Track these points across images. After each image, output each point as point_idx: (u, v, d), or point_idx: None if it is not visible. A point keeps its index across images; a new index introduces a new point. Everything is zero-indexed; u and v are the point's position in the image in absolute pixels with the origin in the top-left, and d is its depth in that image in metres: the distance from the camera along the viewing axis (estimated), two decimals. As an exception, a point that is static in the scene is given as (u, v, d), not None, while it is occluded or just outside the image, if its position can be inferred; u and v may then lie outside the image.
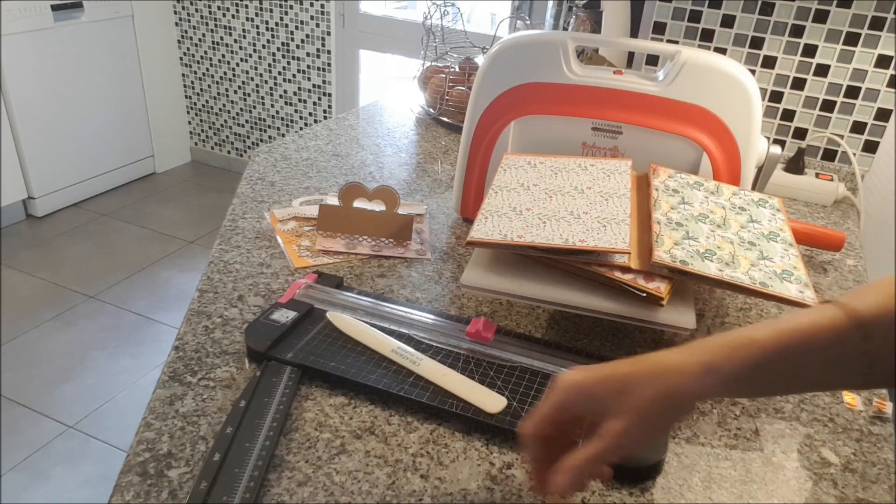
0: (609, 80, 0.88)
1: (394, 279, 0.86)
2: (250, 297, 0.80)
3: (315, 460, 0.58)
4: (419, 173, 1.20)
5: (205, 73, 3.29)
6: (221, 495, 0.52)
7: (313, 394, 0.65)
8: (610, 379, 0.46)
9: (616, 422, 0.45)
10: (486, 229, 0.73)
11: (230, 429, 0.58)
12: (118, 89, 3.07)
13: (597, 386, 0.46)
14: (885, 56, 1.21)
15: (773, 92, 1.32)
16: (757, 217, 0.80)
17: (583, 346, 0.75)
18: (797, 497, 0.58)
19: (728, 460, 0.61)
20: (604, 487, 0.57)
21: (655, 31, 1.36)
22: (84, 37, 2.86)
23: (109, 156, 3.12)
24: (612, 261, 0.71)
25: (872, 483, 0.61)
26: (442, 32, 1.62)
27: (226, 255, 0.88)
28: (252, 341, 0.69)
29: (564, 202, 0.77)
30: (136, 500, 0.53)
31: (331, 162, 1.21)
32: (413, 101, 1.57)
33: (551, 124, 0.92)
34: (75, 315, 2.30)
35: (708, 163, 0.87)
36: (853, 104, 1.27)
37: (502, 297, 0.75)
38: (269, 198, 1.05)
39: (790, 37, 1.26)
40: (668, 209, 0.78)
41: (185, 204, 3.12)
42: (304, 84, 3.05)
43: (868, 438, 0.66)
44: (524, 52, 0.91)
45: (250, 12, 3.01)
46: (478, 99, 0.94)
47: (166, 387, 0.65)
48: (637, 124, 0.87)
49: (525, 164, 0.86)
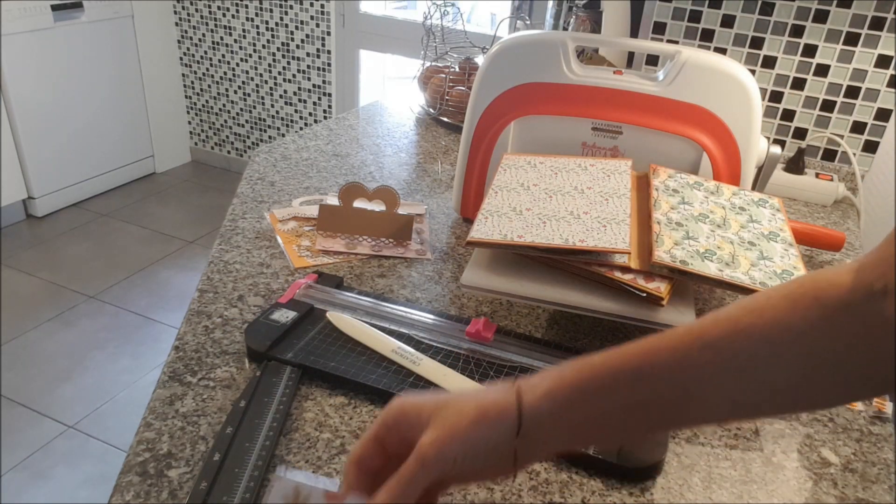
0: (609, 80, 0.88)
1: (394, 279, 0.86)
2: (250, 297, 0.80)
3: (315, 460, 0.58)
4: (419, 173, 1.20)
5: (205, 73, 3.29)
6: (221, 495, 0.52)
7: (313, 394, 0.65)
8: (433, 399, 0.44)
9: (426, 434, 0.42)
10: (486, 229, 0.73)
11: (230, 429, 0.58)
12: (118, 89, 3.07)
13: (420, 404, 0.44)
14: (885, 56, 1.21)
15: (773, 92, 1.32)
16: (757, 217, 0.80)
17: (583, 346, 0.75)
18: (797, 497, 0.58)
19: (728, 460, 0.61)
20: (604, 487, 0.57)
21: (655, 31, 1.36)
22: (84, 37, 2.86)
23: (109, 156, 3.12)
24: (612, 261, 0.71)
25: (872, 483, 0.61)
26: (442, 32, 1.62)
27: (226, 255, 0.88)
28: (252, 341, 0.68)
29: (564, 202, 0.77)
30: (136, 500, 0.53)
31: (331, 162, 1.21)
32: (413, 101, 1.57)
33: (551, 124, 0.92)
34: (75, 315, 2.30)
35: (708, 163, 0.87)
36: (853, 104, 1.27)
37: (502, 297, 0.75)
38: (269, 198, 1.05)
39: (790, 37, 1.26)
40: (668, 209, 0.78)
41: (185, 204, 3.12)
42: (304, 84, 3.05)
43: (868, 438, 0.66)
44: (524, 52, 0.91)
45: (250, 12, 3.01)
46: (478, 99, 0.94)
47: (166, 387, 0.65)
48: (637, 124, 0.87)
49: (525, 164, 0.86)
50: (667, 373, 0.42)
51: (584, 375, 0.43)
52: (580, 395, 0.42)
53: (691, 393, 0.42)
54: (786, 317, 0.40)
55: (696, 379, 0.41)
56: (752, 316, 0.41)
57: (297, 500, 0.43)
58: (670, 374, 0.42)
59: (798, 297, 0.40)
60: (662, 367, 0.42)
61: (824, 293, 0.40)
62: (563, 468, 0.59)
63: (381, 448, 0.45)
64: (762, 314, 0.41)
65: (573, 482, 0.58)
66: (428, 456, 0.41)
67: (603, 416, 0.43)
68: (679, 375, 0.42)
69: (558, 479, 0.58)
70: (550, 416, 0.42)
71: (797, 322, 0.40)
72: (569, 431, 0.43)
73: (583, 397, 0.42)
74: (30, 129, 2.74)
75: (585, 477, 0.58)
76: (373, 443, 0.45)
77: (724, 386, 0.41)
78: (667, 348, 0.42)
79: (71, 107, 2.89)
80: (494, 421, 0.42)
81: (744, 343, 0.41)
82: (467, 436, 0.42)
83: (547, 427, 0.42)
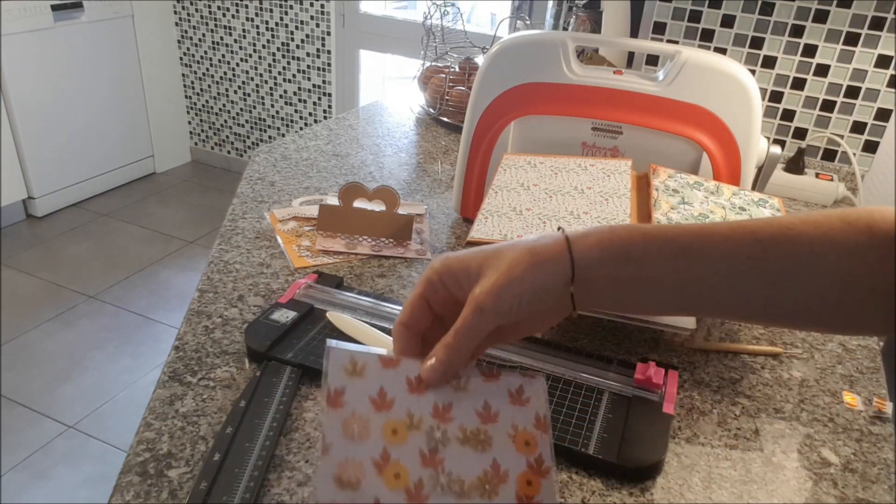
0: (609, 80, 0.88)
1: (394, 279, 0.86)
2: (250, 297, 0.80)
3: (315, 460, 0.58)
4: (419, 173, 1.20)
5: (205, 73, 3.29)
6: (221, 495, 0.52)
7: (313, 394, 0.65)
8: (479, 251, 0.44)
9: (480, 285, 0.42)
10: (486, 229, 0.73)
11: (230, 429, 0.58)
12: (118, 89, 3.07)
13: (466, 258, 0.43)
14: (885, 56, 1.21)
15: (773, 92, 1.32)
16: (757, 217, 0.80)
17: (583, 346, 0.75)
18: (797, 497, 0.58)
19: (728, 460, 0.61)
20: (604, 487, 0.57)
21: (655, 31, 1.36)
22: (84, 37, 2.86)
23: (109, 156, 3.12)
24: (612, 261, 0.70)
25: (872, 483, 0.61)
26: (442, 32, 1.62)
27: (226, 255, 0.88)
28: (252, 341, 0.68)
29: (564, 202, 0.77)
30: (136, 500, 0.53)
31: (331, 162, 1.21)
32: (413, 101, 1.57)
33: (551, 124, 0.92)
34: (75, 315, 2.31)
35: (708, 163, 0.87)
36: (853, 104, 1.27)
37: (502, 297, 0.74)
38: (269, 198, 1.05)
39: (790, 37, 1.26)
40: (668, 209, 0.78)
41: (185, 204, 3.12)
42: (304, 84, 3.05)
43: (868, 438, 0.66)
44: (524, 52, 0.91)
45: (250, 12, 3.01)
46: (478, 99, 0.94)
47: (166, 387, 0.65)
48: (637, 124, 0.87)
49: (525, 164, 0.86)
50: (713, 257, 0.43)
51: (634, 237, 0.43)
52: (627, 253, 0.43)
53: (731, 283, 0.43)
54: (838, 235, 0.42)
55: (739, 272, 0.43)
56: (806, 225, 0.43)
57: (354, 370, 0.42)
58: (716, 259, 0.43)
59: (853, 220, 0.43)
60: (711, 251, 0.43)
61: (877, 224, 0.42)
62: (563, 468, 0.59)
63: (428, 308, 0.44)
64: (816, 226, 0.43)
65: (573, 482, 0.58)
66: (486, 304, 0.41)
67: (646, 281, 0.43)
68: (724, 263, 0.43)
69: (558, 479, 0.58)
70: (601, 265, 0.43)
71: (847, 241, 0.42)
72: (616, 287, 0.43)
73: (629, 256, 0.43)
74: (30, 129, 2.74)
75: (585, 477, 0.58)
76: (420, 302, 0.44)
77: (764, 284, 0.43)
78: (719, 234, 0.43)
79: (71, 107, 2.89)
80: (550, 264, 0.42)
81: (792, 248, 0.42)
82: (524, 280, 0.42)
83: (598, 276, 0.43)
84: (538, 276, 0.42)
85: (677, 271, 0.43)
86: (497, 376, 0.45)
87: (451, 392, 0.44)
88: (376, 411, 0.42)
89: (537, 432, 0.45)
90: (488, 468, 0.43)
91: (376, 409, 0.42)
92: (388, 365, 0.44)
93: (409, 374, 0.44)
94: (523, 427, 0.44)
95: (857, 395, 0.71)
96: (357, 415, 0.42)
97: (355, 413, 0.42)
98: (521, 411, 0.45)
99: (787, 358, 0.76)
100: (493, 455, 0.43)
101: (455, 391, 0.44)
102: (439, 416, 0.43)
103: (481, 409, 0.44)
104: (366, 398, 0.42)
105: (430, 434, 0.42)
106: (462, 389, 0.44)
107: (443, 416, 0.43)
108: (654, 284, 0.43)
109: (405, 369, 0.44)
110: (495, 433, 0.44)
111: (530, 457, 0.44)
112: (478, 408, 0.44)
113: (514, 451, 0.44)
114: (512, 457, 0.43)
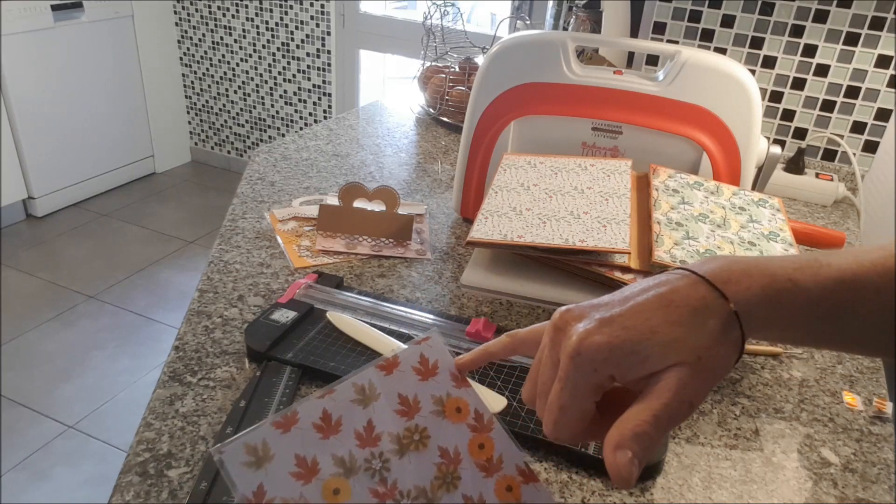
0: (609, 80, 0.88)
1: (394, 279, 0.86)
2: (250, 297, 0.80)
3: None
4: (419, 173, 1.20)
5: (205, 73, 3.29)
6: (221, 495, 0.52)
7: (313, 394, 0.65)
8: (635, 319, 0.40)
9: (670, 373, 0.37)
10: (486, 229, 0.73)
11: (230, 429, 0.58)
12: (118, 89, 3.07)
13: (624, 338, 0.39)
14: (885, 56, 1.21)
15: (773, 92, 1.32)
16: (757, 217, 0.80)
17: (583, 346, 0.75)
18: (797, 497, 0.58)
19: (728, 460, 0.61)
20: (604, 487, 0.57)
21: (655, 31, 1.36)
22: (84, 37, 2.86)
23: (109, 156, 3.12)
24: (612, 261, 0.71)
25: (872, 483, 0.61)
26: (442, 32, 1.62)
27: (226, 255, 0.88)
28: (252, 341, 0.68)
29: (564, 202, 0.77)
30: (136, 500, 0.53)
31: (331, 162, 1.21)
32: (413, 101, 1.57)
33: (551, 124, 0.92)
34: (75, 315, 2.30)
35: (708, 163, 0.87)
36: (853, 104, 1.27)
37: (502, 297, 0.75)
38: (269, 198, 1.05)
39: (790, 37, 1.26)
40: (668, 209, 0.78)
41: (185, 204, 3.12)
42: (304, 84, 3.05)
43: (868, 438, 0.66)
44: (524, 52, 0.91)
45: (250, 12, 3.01)
46: (478, 99, 0.94)
47: (166, 387, 0.65)
48: (637, 124, 0.87)
49: (525, 164, 0.86)
50: (872, 291, 0.41)
51: (797, 278, 0.40)
52: (791, 295, 0.40)
53: (886, 316, 0.41)
54: None
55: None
56: None
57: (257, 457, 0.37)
58: (876, 293, 0.41)
59: None
60: (869, 285, 0.41)
61: None
62: (563, 468, 0.59)
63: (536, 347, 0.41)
64: None
65: (573, 482, 0.58)
66: (696, 400, 0.38)
67: (807, 320, 0.41)
68: (883, 296, 0.41)
69: (558, 479, 0.58)
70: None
71: None
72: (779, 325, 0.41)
73: (792, 297, 0.40)
74: (30, 129, 2.74)
75: (585, 477, 0.58)
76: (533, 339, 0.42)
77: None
78: (871, 287, 0.41)
79: (71, 107, 2.89)
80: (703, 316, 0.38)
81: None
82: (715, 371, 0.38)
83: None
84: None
85: (827, 337, 0.42)
86: (396, 361, 0.42)
87: (361, 410, 0.41)
88: (305, 483, 0.38)
89: (460, 391, 0.42)
90: (438, 459, 0.40)
91: (304, 482, 0.38)
92: (289, 423, 0.39)
93: (312, 419, 0.39)
94: (447, 395, 0.42)
95: (857, 395, 0.71)
96: (289, 500, 0.37)
97: (286, 501, 0.37)
98: (436, 381, 0.42)
99: (787, 358, 0.76)
100: (435, 444, 0.41)
101: (364, 407, 0.41)
102: (366, 442, 0.40)
103: (399, 405, 0.41)
104: (287, 477, 0.38)
105: (369, 467, 0.39)
106: (370, 399, 0.41)
107: (369, 440, 0.40)
108: (812, 322, 0.42)
109: (306, 416, 0.39)
110: (425, 421, 0.41)
111: (468, 419, 0.41)
112: (395, 407, 0.41)
113: (451, 426, 0.41)
114: (452, 433, 0.41)
